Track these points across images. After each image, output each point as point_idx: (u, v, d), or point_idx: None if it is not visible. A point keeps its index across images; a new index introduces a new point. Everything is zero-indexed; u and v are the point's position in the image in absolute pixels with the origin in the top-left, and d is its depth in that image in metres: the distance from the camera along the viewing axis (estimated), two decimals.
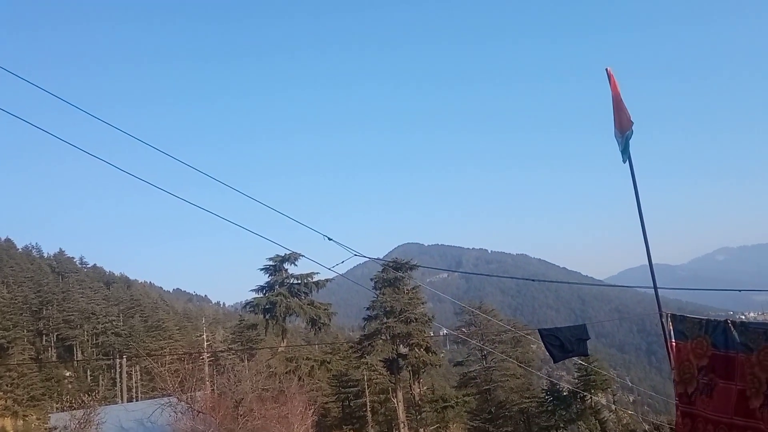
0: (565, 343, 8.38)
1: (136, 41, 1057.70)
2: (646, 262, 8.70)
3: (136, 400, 65.26)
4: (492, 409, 56.09)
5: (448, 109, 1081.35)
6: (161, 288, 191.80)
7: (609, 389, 58.64)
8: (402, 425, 50.46)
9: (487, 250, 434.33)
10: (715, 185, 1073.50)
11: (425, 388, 56.08)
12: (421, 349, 51.13)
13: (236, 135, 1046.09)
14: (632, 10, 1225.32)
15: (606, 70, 9.00)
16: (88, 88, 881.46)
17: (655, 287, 8.56)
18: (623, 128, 8.88)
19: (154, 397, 46.38)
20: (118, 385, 77.20)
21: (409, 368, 52.39)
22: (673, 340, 7.72)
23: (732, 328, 6.86)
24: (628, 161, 8.87)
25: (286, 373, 46.30)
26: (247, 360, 53.65)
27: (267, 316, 57.12)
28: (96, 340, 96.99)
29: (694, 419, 7.25)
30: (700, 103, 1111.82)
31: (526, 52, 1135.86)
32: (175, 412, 33.33)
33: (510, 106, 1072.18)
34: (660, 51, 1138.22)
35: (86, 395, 40.54)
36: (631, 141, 8.89)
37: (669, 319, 7.80)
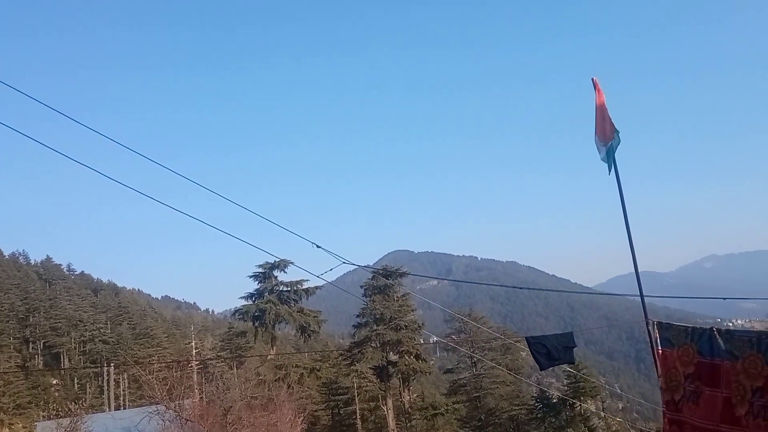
0: (552, 351, 8.42)
1: (130, 47, 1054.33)
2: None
3: (124, 409, 64.61)
4: (482, 417, 56.02)
5: (439, 114, 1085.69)
6: (149, 295, 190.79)
7: (598, 396, 58.70)
8: None
9: (476, 258, 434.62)
10: (703, 192, 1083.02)
11: (415, 395, 55.98)
12: (411, 357, 51.09)
13: (225, 142, 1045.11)
14: (630, 11, 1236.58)
15: (592, 79, 9.06)
16: (80, 94, 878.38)
17: (642, 295, 8.62)
18: (606, 138, 8.93)
19: (142, 406, 45.94)
20: (106, 393, 76.46)
21: (399, 376, 52.30)
22: (660, 348, 7.77)
23: (717, 336, 6.92)
24: (614, 171, 8.90)
25: (276, 380, 46.16)
26: (236, 368, 53.43)
27: (256, 324, 56.91)
28: (83, 347, 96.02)
29: (682, 426, 7.29)
30: (690, 109, 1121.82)
31: (515, 56, 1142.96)
32: (163, 420, 33.04)
33: (499, 111, 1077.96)
34: (646, 55, 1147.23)
35: (73, 403, 40.25)
36: (618, 148, 8.94)
37: (655, 326, 7.84)
